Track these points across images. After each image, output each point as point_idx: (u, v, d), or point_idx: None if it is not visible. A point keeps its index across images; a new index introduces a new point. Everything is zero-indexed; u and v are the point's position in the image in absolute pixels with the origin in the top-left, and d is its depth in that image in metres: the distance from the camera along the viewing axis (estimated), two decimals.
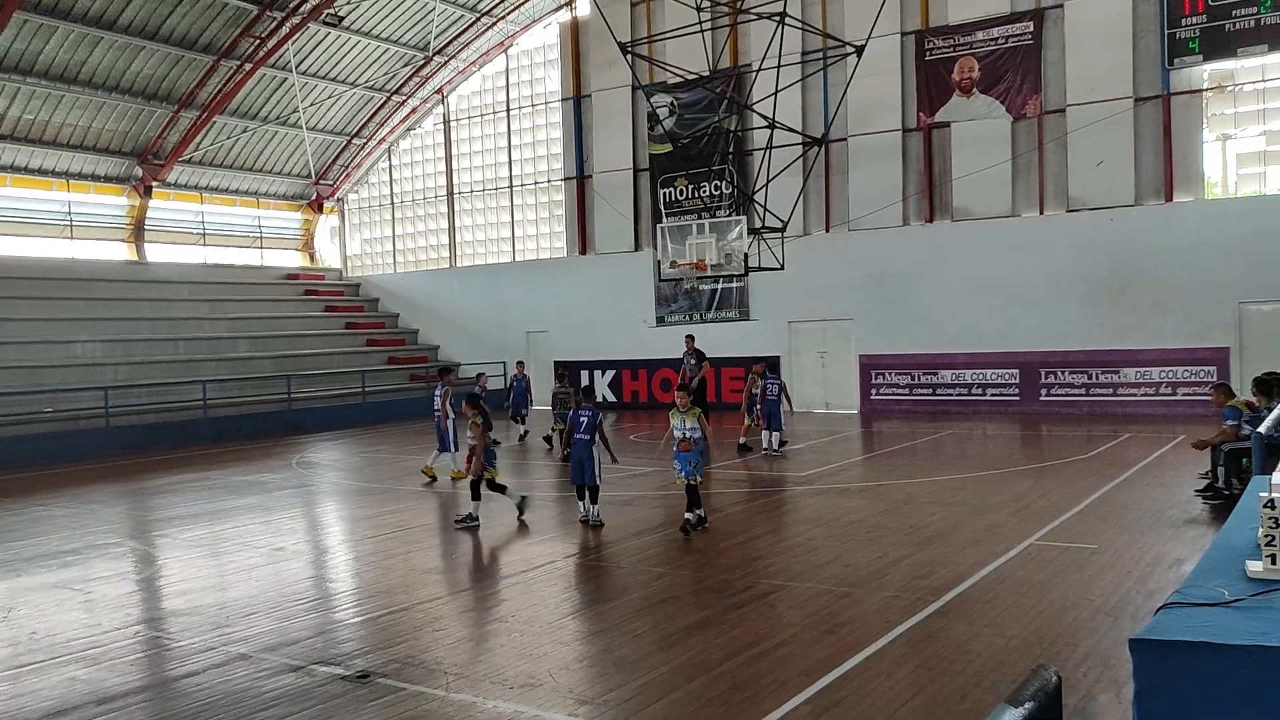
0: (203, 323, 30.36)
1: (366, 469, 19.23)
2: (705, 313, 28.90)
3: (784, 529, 12.31)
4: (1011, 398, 24.19)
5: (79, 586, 10.19)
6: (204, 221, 34.20)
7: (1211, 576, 3.57)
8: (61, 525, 13.79)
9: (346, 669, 7.13)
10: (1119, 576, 8.85)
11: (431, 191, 35.54)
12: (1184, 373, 22.29)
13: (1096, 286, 23.29)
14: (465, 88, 34.32)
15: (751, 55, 26.63)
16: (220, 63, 29.22)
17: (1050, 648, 7.04)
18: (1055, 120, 23.95)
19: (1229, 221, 22.01)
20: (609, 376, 30.33)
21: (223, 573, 10.71)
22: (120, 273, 30.68)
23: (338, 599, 9.52)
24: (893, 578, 9.11)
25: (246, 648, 7.76)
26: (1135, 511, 11.76)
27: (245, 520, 13.75)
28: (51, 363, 25.30)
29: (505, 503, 12.73)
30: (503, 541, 11.67)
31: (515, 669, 7.06)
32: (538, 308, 32.10)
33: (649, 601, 8.72)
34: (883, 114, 25.83)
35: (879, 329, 25.99)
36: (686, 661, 7.02)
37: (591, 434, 11.92)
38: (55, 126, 28.51)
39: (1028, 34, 24.07)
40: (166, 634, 8.35)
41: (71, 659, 7.69)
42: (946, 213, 25.47)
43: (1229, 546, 4.09)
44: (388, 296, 36.61)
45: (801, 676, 6.62)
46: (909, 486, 14.28)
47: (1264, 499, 3.62)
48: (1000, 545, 10.18)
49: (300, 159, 34.76)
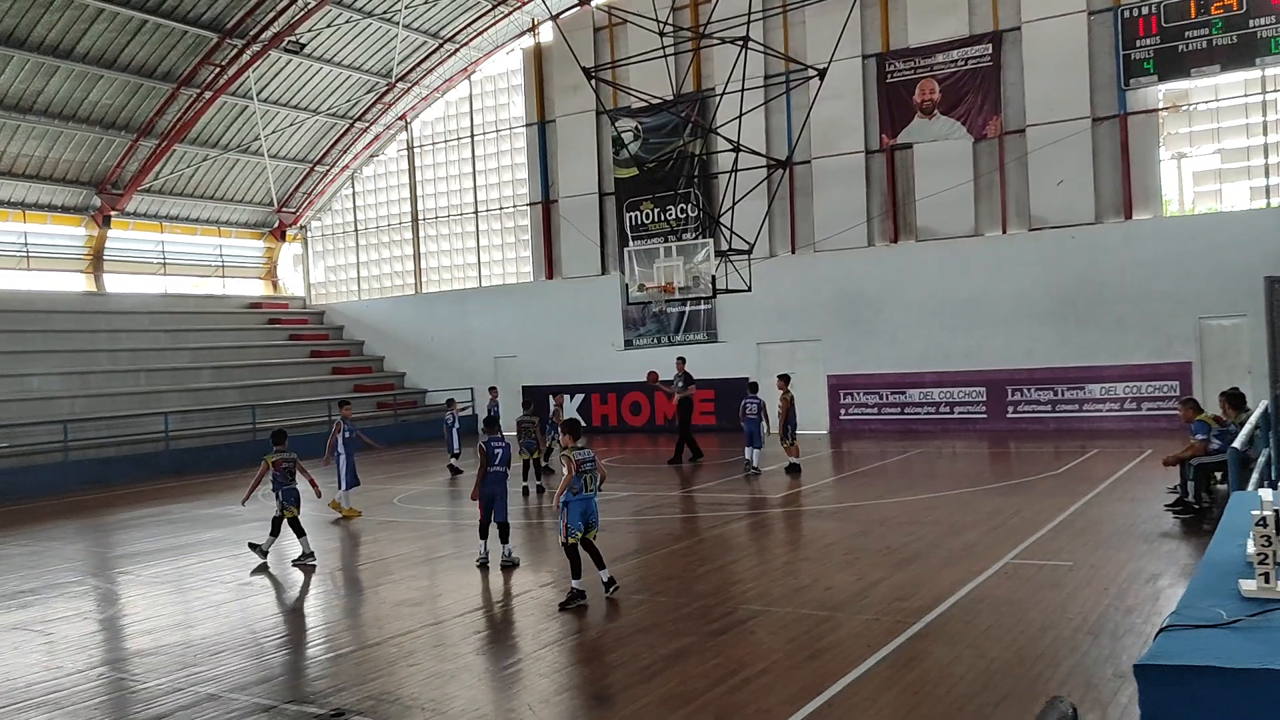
0: (164, 353, 29.89)
1: None
2: (673, 335, 28.88)
3: (761, 552, 12.24)
4: (979, 415, 24.34)
5: (38, 628, 9.89)
6: (164, 251, 33.74)
7: (1205, 596, 3.53)
8: (18, 564, 13.42)
9: (320, 707, 6.94)
10: (1096, 594, 8.85)
11: (396, 218, 35.33)
12: (1148, 388, 22.54)
13: (1060, 304, 23.55)
14: (429, 114, 34.22)
15: (715, 79, 26.80)
16: (180, 91, 28.93)
17: (1033, 669, 7.00)
18: (1015, 140, 24.26)
19: (1187, 238, 22.36)
20: (578, 400, 30.17)
21: (188, 610, 10.44)
22: (78, 304, 30.17)
23: (308, 634, 9.31)
24: (872, 600, 9.05)
25: (215, 687, 7.55)
26: (1108, 527, 11.81)
27: (210, 555, 13.47)
28: (6, 396, 24.73)
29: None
30: (473, 573, 11.47)
31: (493, 704, 6.92)
32: (505, 333, 31.94)
33: (628, 630, 8.60)
34: (846, 136, 26.05)
35: (847, 349, 26.09)
36: (668, 692, 6.90)
37: (505, 467, 11.60)
38: (11, 156, 28.04)
39: (986, 56, 24.41)
40: (131, 675, 8.10)
41: (32, 704, 7.43)
42: (911, 233, 25.68)
43: (1218, 565, 4.06)
44: (352, 324, 36.29)
45: (785, 704, 6.52)
46: (883, 507, 14.27)
47: (1256, 517, 3.59)
48: (977, 564, 10.16)
49: (262, 187, 34.45)
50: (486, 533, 11.51)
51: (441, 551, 13.20)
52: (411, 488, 19.48)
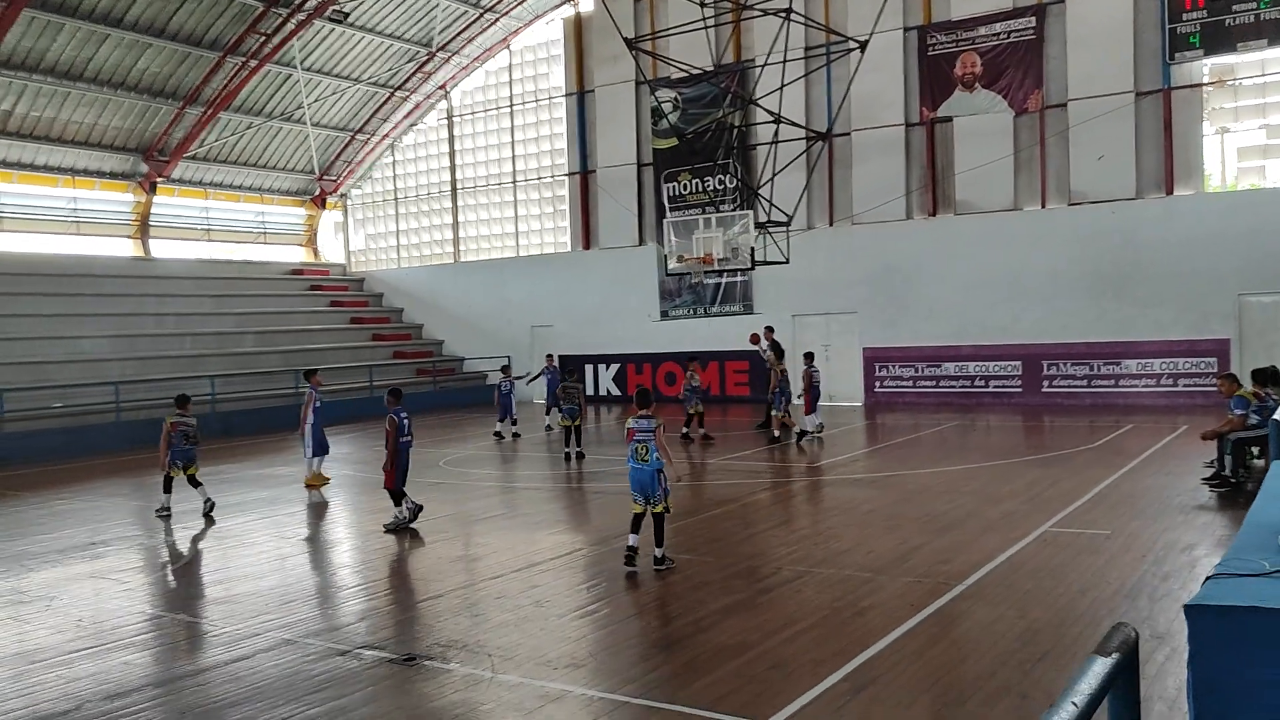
0: (208, 318, 30.53)
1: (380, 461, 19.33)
2: (709, 307, 29.13)
3: (802, 517, 12.58)
4: (1014, 389, 24.46)
5: (115, 576, 10.40)
6: (208, 217, 34.35)
7: (1249, 551, 3.81)
8: (86, 518, 14.00)
9: (393, 653, 7.35)
10: (1133, 561, 9.11)
11: (435, 187, 35.71)
12: (1185, 364, 22.57)
13: (1098, 279, 23.56)
14: (468, 83, 34.48)
15: (755, 50, 26.87)
16: (225, 59, 29.35)
17: (1072, 629, 7.29)
18: (1057, 115, 24.20)
19: (1229, 214, 22.28)
20: (613, 370, 30.57)
21: (255, 563, 10.91)
22: (126, 268, 30.82)
23: (372, 587, 9.73)
24: (914, 563, 9.36)
25: (290, 634, 7.98)
26: (1144, 499, 12.02)
27: (267, 512, 13.97)
28: (58, 358, 25.45)
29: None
30: (524, 532, 11.89)
31: (557, 651, 7.30)
32: (542, 302, 32.31)
33: (678, 587, 8.96)
34: (886, 109, 26.06)
35: (883, 322, 26.25)
36: (723, 642, 7.25)
37: (412, 436, 12.14)
38: (61, 123, 28.63)
39: (1030, 29, 24.31)
40: (210, 621, 8.57)
41: (120, 645, 7.90)
42: (949, 206, 25.72)
43: (1261, 525, 4.34)
44: (392, 292, 36.80)
45: (836, 656, 6.86)
46: (920, 477, 14.54)
47: None
48: (1015, 532, 10.43)
49: (304, 155, 34.91)
50: (401, 499, 12.04)
51: (492, 512, 13.64)
52: (455, 452, 19.95)
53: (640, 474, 9.60)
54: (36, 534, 12.91)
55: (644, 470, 9.58)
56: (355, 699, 6.48)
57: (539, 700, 6.30)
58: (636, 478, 9.63)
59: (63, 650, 7.83)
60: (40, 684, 6.99)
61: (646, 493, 9.58)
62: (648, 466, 9.56)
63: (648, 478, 9.56)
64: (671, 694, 6.31)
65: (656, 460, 9.55)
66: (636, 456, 9.64)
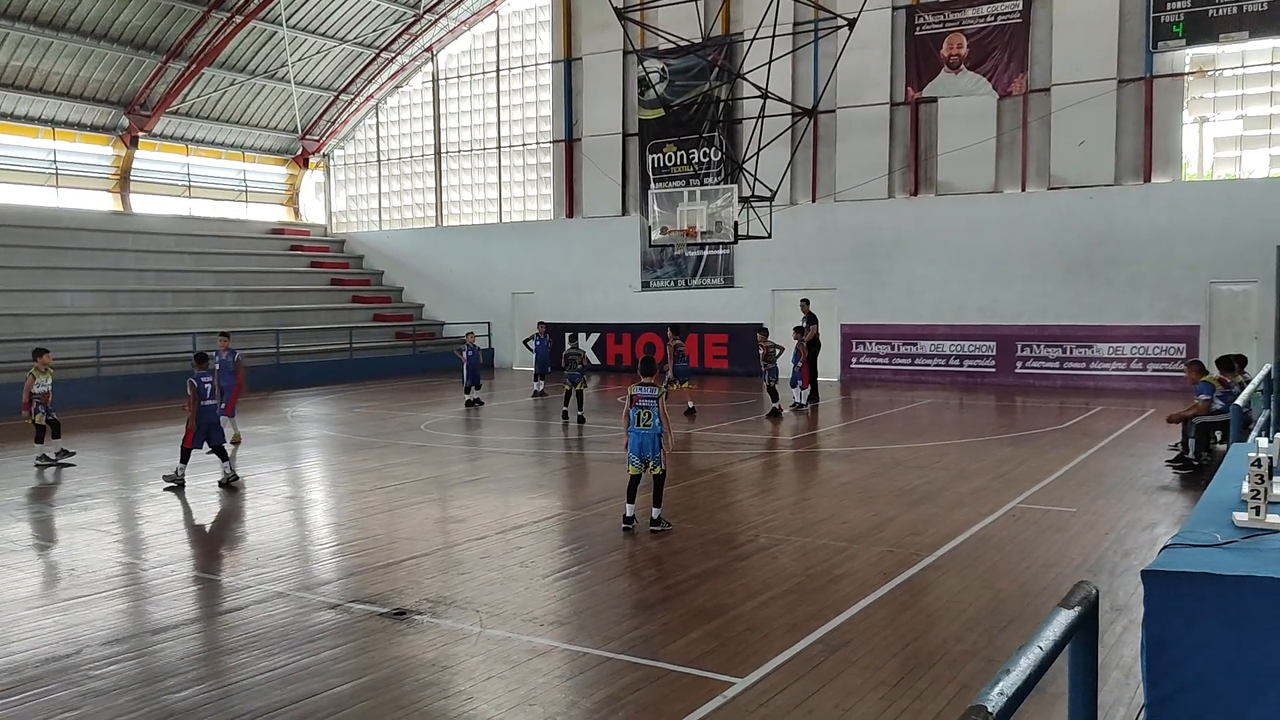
0: (188, 275, 30.42)
1: (362, 423, 19.60)
2: (690, 279, 29.35)
3: (779, 488, 12.90)
4: (988, 369, 24.89)
5: (104, 528, 10.57)
6: (189, 173, 34.13)
7: (1204, 525, 4.09)
8: (68, 472, 14.10)
9: (383, 607, 7.59)
10: (1097, 538, 9.47)
11: (419, 150, 35.61)
12: (1155, 349, 23.05)
13: (1074, 263, 23.95)
14: (455, 46, 34.32)
15: (744, 24, 26.95)
16: (210, 14, 29.11)
17: (1036, 599, 7.62)
18: (1040, 99, 24.48)
19: (1204, 203, 22.70)
20: (593, 339, 30.76)
21: (243, 518, 11.10)
22: (106, 223, 30.64)
23: (358, 544, 9.93)
24: (886, 534, 9.68)
25: (282, 587, 8.20)
26: (1110, 479, 12.41)
27: (252, 469, 14.11)
28: (41, 311, 25.36)
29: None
30: (507, 495, 12.14)
31: (542, 608, 7.57)
32: (523, 269, 32.41)
33: (658, 552, 9.24)
34: (872, 87, 26.24)
35: (861, 299, 26.57)
36: (701, 605, 7.54)
37: (217, 399, 12.96)
38: (43, 74, 28.34)
39: (1016, 13, 24.52)
40: (202, 573, 8.77)
41: (115, 594, 8.10)
42: (931, 187, 26.01)
43: (1216, 502, 4.63)
44: (372, 254, 36.74)
45: (810, 620, 7.16)
46: (894, 452, 14.89)
47: (1252, 458, 4.14)
48: (984, 507, 10.78)
49: (287, 113, 34.70)
50: (189, 457, 12.68)
51: (475, 475, 13.86)
52: (436, 415, 20.14)
53: (642, 436, 9.90)
54: (21, 485, 13.03)
55: (646, 434, 9.89)
56: (349, 649, 6.72)
57: (527, 654, 6.56)
58: (638, 441, 9.92)
59: (59, 598, 8.02)
60: (40, 629, 7.18)
61: (646, 455, 9.88)
62: (649, 431, 9.87)
63: (649, 440, 9.88)
64: (653, 651, 6.58)
65: (658, 425, 9.88)
66: (639, 421, 9.92)
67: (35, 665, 6.43)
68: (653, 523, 9.92)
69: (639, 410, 9.92)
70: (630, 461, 9.98)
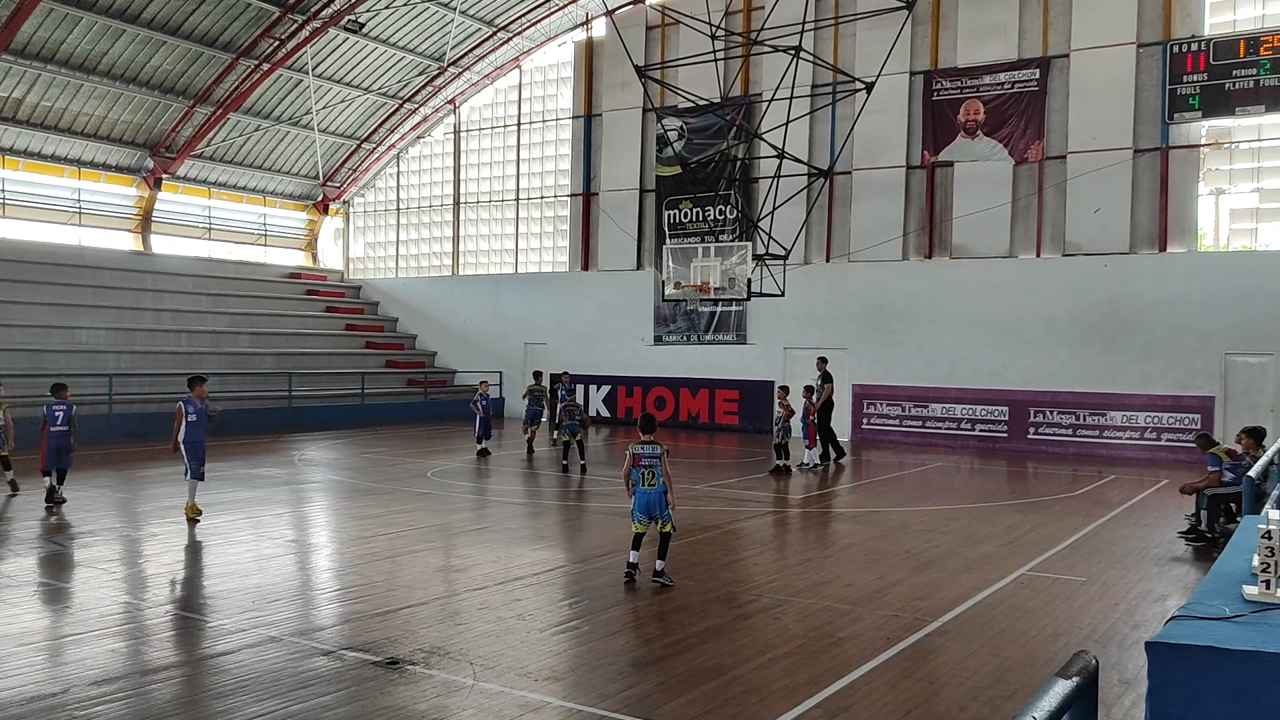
0: (205, 316, 30.64)
1: (369, 469, 19.53)
2: (703, 334, 29.37)
3: (784, 547, 12.73)
4: (999, 434, 24.69)
5: (103, 566, 10.49)
6: (210, 216, 34.52)
7: (1212, 597, 3.99)
8: (73, 507, 14.08)
9: (376, 655, 7.47)
10: (1107, 608, 9.29)
11: (437, 199, 35.97)
12: (1169, 419, 22.84)
13: (1088, 330, 23.87)
14: (477, 99, 34.81)
15: (763, 85, 27.26)
16: (239, 61, 29.62)
17: (1043, 669, 7.45)
18: (1056, 166, 24.58)
19: (1219, 274, 22.63)
20: (604, 392, 30.73)
21: (241, 561, 11.01)
22: (126, 262, 30.93)
23: (357, 590, 9.83)
24: (892, 598, 9.52)
25: (276, 631, 8.10)
26: (1121, 548, 12.21)
27: (255, 512, 14.06)
28: (54, 347, 25.53)
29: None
30: (508, 546, 12.02)
31: (538, 663, 7.43)
32: (537, 320, 32.52)
33: (659, 609, 9.10)
34: (888, 150, 26.43)
35: (873, 360, 26.50)
36: (700, 665, 7.40)
37: (67, 425, 14.42)
38: (71, 114, 28.83)
39: (1034, 81, 24.73)
40: (197, 614, 8.68)
41: (108, 633, 8.01)
42: (945, 250, 26.05)
43: (1225, 574, 4.52)
44: (388, 300, 36.96)
45: (810, 684, 7.01)
46: (902, 514, 14.72)
47: (1263, 530, 4.05)
48: (993, 573, 10.61)
49: (309, 160, 35.15)
50: (51, 474, 14.30)
51: (479, 524, 13.76)
52: (444, 463, 20.06)
53: (648, 495, 9.85)
54: (25, 520, 12.98)
55: (652, 492, 9.84)
56: (339, 697, 6.60)
57: (519, 709, 6.43)
58: (644, 500, 9.85)
59: (51, 635, 7.93)
60: (29, 666, 7.09)
61: (653, 512, 9.82)
62: (654, 490, 9.83)
63: (656, 498, 9.83)
64: (648, 711, 6.44)
65: (662, 484, 9.84)
66: (644, 481, 9.86)
67: (19, 704, 6.34)
68: (655, 574, 9.85)
69: (642, 470, 9.86)
70: (636, 519, 9.89)
